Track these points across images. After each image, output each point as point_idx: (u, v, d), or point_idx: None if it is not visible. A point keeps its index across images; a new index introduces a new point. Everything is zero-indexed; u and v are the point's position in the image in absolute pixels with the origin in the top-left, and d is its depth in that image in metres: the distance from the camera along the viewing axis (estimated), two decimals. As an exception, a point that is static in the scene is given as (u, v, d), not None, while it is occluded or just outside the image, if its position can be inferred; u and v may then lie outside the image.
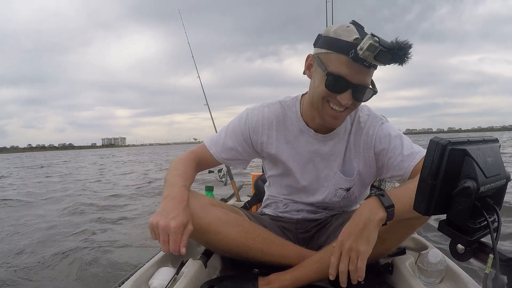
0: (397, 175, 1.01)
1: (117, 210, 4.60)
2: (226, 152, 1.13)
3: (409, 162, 0.98)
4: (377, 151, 1.05)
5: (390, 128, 1.06)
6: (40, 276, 2.32)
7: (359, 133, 1.08)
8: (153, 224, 0.85)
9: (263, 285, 0.93)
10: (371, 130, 1.06)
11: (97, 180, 8.95)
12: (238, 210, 1.12)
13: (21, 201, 5.55)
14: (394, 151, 1.01)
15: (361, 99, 0.95)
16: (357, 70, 0.88)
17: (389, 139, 1.03)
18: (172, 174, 1.00)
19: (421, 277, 0.94)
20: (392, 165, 1.01)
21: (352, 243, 0.80)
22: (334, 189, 1.12)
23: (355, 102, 0.94)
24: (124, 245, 2.86)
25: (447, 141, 0.53)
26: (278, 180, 1.21)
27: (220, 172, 2.31)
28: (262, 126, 1.12)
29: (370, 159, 1.07)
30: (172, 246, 0.83)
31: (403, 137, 1.04)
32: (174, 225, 0.83)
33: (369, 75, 0.92)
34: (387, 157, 1.03)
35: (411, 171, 0.97)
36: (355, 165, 1.10)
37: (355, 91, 0.91)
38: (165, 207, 0.87)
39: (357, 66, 0.87)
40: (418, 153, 0.98)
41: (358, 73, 0.89)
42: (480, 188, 0.52)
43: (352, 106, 0.96)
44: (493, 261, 0.52)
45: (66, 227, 3.60)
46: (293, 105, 1.12)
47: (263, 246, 0.98)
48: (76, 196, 5.95)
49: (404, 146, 1.01)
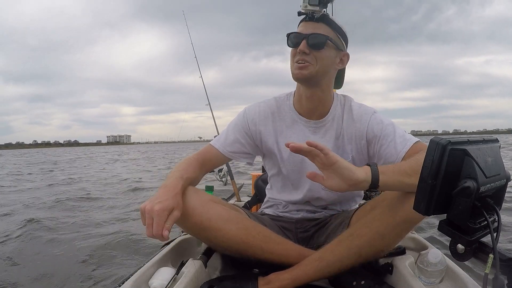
0: (389, 162, 1.03)
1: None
2: (231, 145, 1.16)
3: (401, 148, 1.01)
4: (369, 138, 1.09)
5: (383, 117, 1.11)
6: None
7: (351, 121, 1.13)
8: (141, 209, 0.86)
9: (263, 284, 0.93)
10: (364, 118, 1.11)
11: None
12: (239, 209, 1.12)
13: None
14: (387, 138, 1.05)
15: (316, 46, 1.04)
16: (307, 25, 1.06)
17: (382, 127, 1.07)
18: (172, 171, 1.03)
19: (421, 277, 0.94)
20: (384, 152, 1.05)
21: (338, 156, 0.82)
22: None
23: (313, 51, 1.04)
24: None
25: (447, 141, 0.53)
26: (278, 179, 1.23)
27: (220, 172, 2.31)
28: (259, 118, 1.18)
29: (362, 146, 1.11)
30: (155, 229, 0.83)
31: (395, 125, 1.08)
32: (158, 208, 0.84)
33: (319, 28, 1.05)
34: (379, 144, 1.07)
35: (402, 157, 1.00)
36: (348, 151, 1.13)
37: (309, 40, 1.04)
38: (155, 194, 0.90)
39: (308, 23, 1.06)
40: (409, 140, 1.02)
41: (308, 27, 1.05)
42: (480, 188, 0.52)
43: (313, 59, 1.04)
44: (493, 261, 0.52)
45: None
46: (286, 99, 1.20)
47: (263, 244, 0.99)
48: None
49: (396, 133, 1.04)
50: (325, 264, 0.93)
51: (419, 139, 1.03)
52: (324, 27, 1.06)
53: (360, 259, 0.94)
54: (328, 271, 0.94)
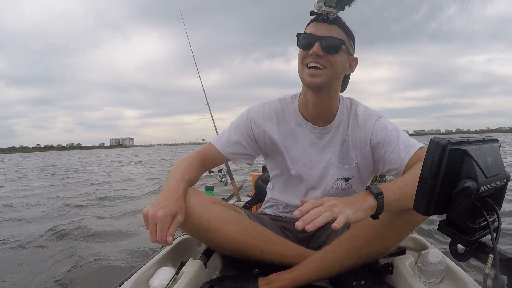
0: (393, 169, 1.03)
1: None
2: (231, 146, 1.15)
3: (404, 154, 1.00)
4: (374, 144, 1.08)
5: (387, 122, 1.09)
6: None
7: (357, 126, 1.11)
8: (144, 214, 0.86)
9: (263, 285, 0.93)
10: (368, 123, 1.09)
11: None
12: (239, 209, 1.12)
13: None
14: (390, 144, 1.04)
15: (330, 50, 1.00)
16: (320, 27, 1.00)
17: (386, 133, 1.06)
18: (172, 172, 1.03)
19: (421, 277, 0.94)
20: (389, 158, 1.04)
21: (340, 202, 0.77)
22: (332, 181, 1.13)
23: (327, 55, 0.99)
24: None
25: (447, 141, 0.53)
26: (280, 180, 1.23)
27: (220, 172, 2.30)
28: (262, 120, 1.16)
29: (367, 152, 1.10)
30: (159, 235, 0.83)
31: (400, 131, 1.07)
32: (161, 214, 0.83)
33: (333, 30, 1.00)
34: (383, 150, 1.06)
35: (406, 163, 0.99)
36: (353, 157, 1.12)
37: (323, 42, 0.99)
38: (158, 199, 0.90)
39: (320, 24, 1.00)
40: (413, 146, 1.01)
41: (322, 28, 1.00)
42: (480, 188, 0.52)
43: (328, 63, 1.00)
44: (493, 261, 0.52)
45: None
46: (291, 101, 1.17)
47: (263, 244, 0.99)
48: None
49: (400, 139, 1.03)
50: (325, 265, 0.93)
51: (424, 145, 1.01)
52: (338, 30, 1.01)
53: (361, 259, 0.94)
54: (328, 271, 0.94)
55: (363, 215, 0.77)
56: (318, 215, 0.73)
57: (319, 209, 0.74)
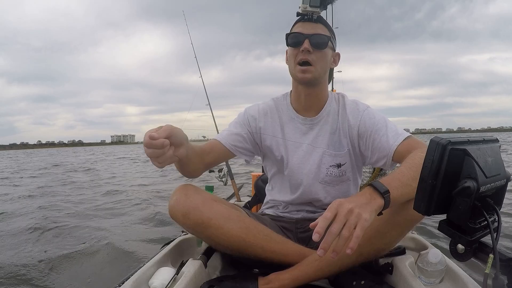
0: (382, 156, 1.06)
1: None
2: (232, 137, 1.19)
3: (393, 141, 1.02)
4: (362, 132, 1.12)
5: (375, 112, 1.14)
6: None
7: (346, 116, 1.17)
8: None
9: (263, 284, 0.93)
10: (357, 113, 1.15)
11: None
12: (239, 208, 1.12)
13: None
14: (379, 132, 1.07)
15: (319, 46, 1.08)
16: (307, 26, 1.09)
17: (374, 122, 1.10)
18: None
19: (421, 277, 0.94)
20: (377, 146, 1.07)
21: (354, 206, 0.69)
22: (325, 168, 1.17)
23: (316, 50, 1.08)
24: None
25: (447, 141, 0.53)
26: (279, 178, 1.24)
27: (221, 172, 2.31)
28: (258, 115, 1.23)
29: (357, 141, 1.15)
30: (149, 132, 0.77)
31: (387, 120, 1.10)
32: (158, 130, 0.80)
33: (319, 28, 1.09)
34: (371, 139, 1.09)
35: (394, 150, 1.01)
36: (344, 145, 1.17)
37: (311, 40, 1.07)
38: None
39: (307, 24, 1.09)
40: (401, 135, 1.03)
41: (308, 27, 1.09)
42: (480, 188, 0.52)
43: (317, 58, 1.08)
44: (493, 261, 0.52)
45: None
46: (284, 98, 1.26)
47: (263, 242, 0.99)
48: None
49: (388, 128, 1.07)
50: (325, 264, 0.93)
51: (411, 134, 1.05)
52: (323, 28, 1.11)
53: (361, 258, 0.94)
54: (328, 270, 0.94)
55: (374, 216, 0.75)
56: (336, 236, 0.67)
57: (335, 228, 0.67)
